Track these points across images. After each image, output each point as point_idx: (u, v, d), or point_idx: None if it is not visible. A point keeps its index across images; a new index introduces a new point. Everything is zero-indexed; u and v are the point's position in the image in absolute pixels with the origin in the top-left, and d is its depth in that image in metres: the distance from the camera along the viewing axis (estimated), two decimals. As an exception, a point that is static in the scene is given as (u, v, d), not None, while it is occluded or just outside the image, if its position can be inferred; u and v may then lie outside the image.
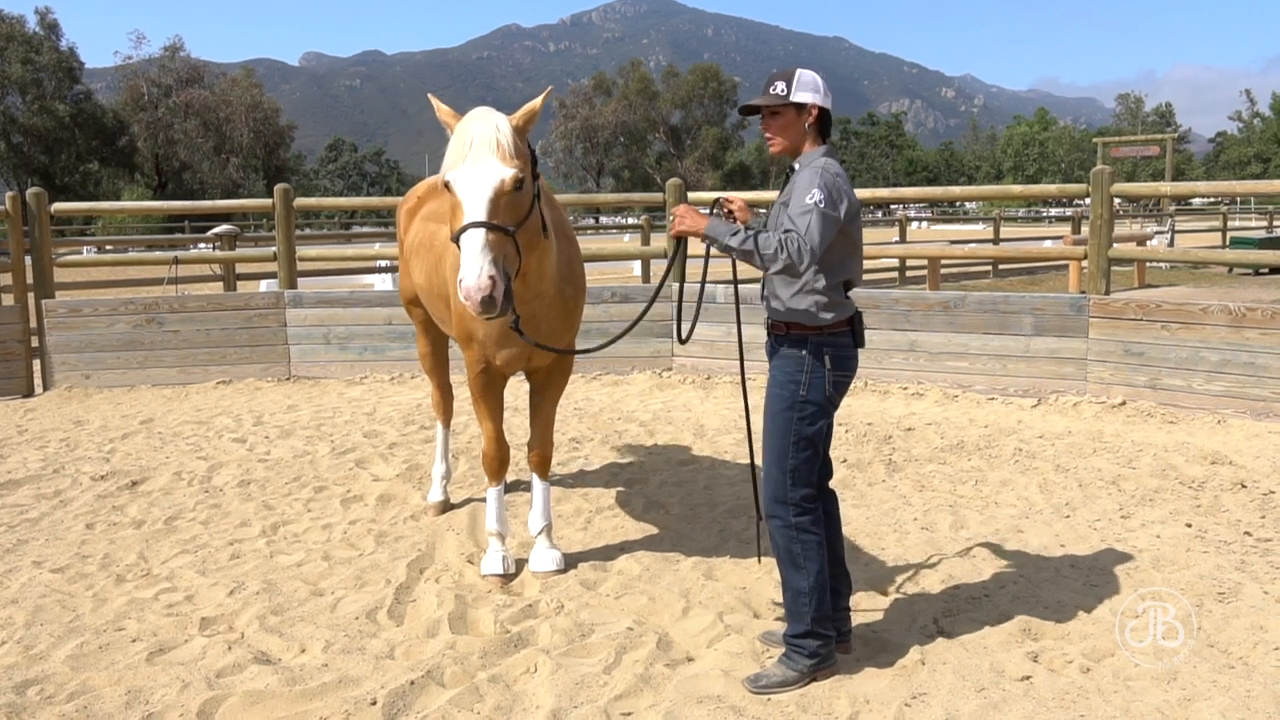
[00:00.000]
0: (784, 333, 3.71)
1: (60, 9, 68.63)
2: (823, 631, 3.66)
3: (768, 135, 3.74)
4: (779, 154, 3.75)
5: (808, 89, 3.64)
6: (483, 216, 3.67)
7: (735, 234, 3.55)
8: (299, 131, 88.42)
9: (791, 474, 3.68)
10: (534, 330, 4.41)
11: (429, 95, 4.27)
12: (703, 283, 4.34)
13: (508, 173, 3.74)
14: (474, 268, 3.57)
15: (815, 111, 3.65)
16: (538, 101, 4.05)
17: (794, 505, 3.68)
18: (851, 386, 9.38)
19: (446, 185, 3.82)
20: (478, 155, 3.76)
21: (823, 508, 3.90)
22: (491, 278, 3.58)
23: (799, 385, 3.66)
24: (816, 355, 3.65)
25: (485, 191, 3.71)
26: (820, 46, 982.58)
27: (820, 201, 3.46)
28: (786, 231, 3.46)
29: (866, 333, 3.78)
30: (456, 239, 3.70)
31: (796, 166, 3.68)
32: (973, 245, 19.27)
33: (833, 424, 3.94)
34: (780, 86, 3.65)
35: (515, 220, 3.79)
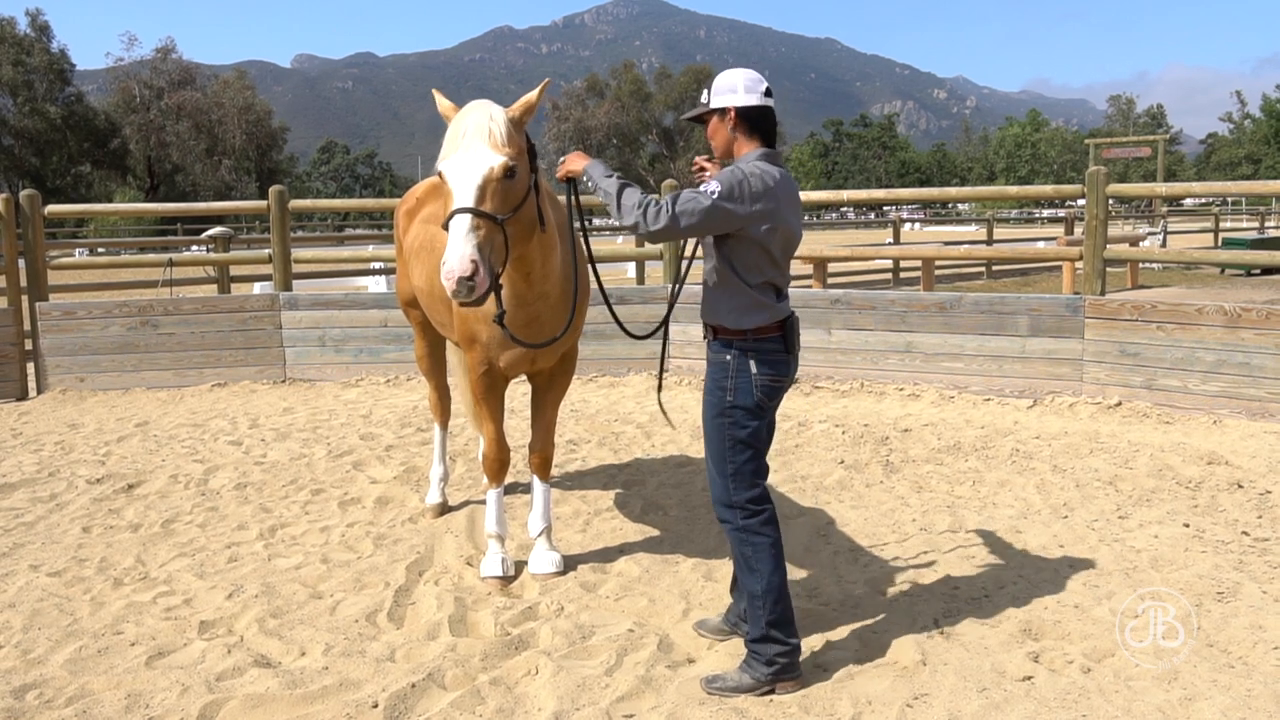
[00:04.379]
0: (713, 336, 3.71)
1: (51, 10, 68.56)
2: (781, 637, 3.56)
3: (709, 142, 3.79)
4: (718, 158, 3.78)
5: (723, 92, 3.64)
6: (470, 203, 3.67)
7: (609, 177, 3.61)
8: (291, 133, 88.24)
9: (733, 478, 3.64)
10: (538, 330, 4.40)
11: (433, 90, 4.27)
12: (673, 292, 4.38)
13: (497, 160, 3.75)
14: (456, 251, 3.58)
15: (733, 113, 3.61)
16: (534, 94, 4.05)
17: (740, 509, 3.64)
18: (848, 388, 9.37)
19: (440, 175, 3.83)
20: (469, 144, 3.77)
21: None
22: (473, 261, 3.56)
23: (725, 391, 3.62)
24: (741, 360, 3.60)
25: (474, 178, 3.71)
26: (812, 48, 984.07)
27: (714, 191, 3.43)
28: (658, 198, 3.49)
29: (863, 334, 3.80)
30: (446, 225, 3.70)
31: None
32: (968, 246, 19.31)
33: (772, 425, 3.89)
34: (704, 95, 3.71)
35: (505, 209, 3.78)
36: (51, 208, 10.41)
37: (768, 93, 3.65)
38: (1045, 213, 53.32)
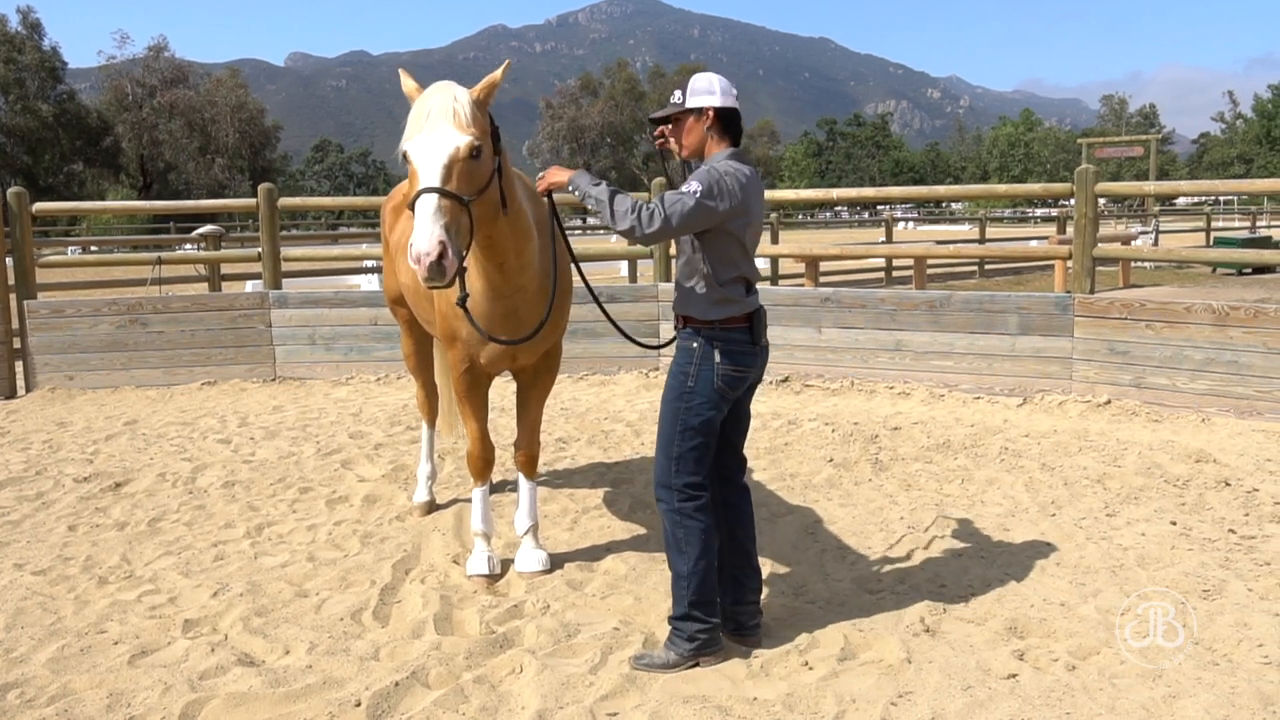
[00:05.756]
0: (681, 325, 3.86)
1: (43, 8, 68.33)
2: (702, 616, 3.75)
3: (678, 142, 3.92)
4: (686, 158, 3.91)
5: (701, 93, 3.81)
6: (436, 182, 3.65)
7: (597, 185, 3.73)
8: (285, 132, 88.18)
9: (676, 461, 3.79)
10: (517, 324, 4.37)
11: (399, 70, 4.26)
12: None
13: (463, 140, 3.73)
14: (424, 232, 3.56)
15: (711, 113, 3.78)
16: (498, 73, 4.03)
17: (678, 491, 3.79)
18: (838, 386, 9.34)
19: (404, 156, 3.81)
20: (434, 124, 3.75)
21: (735, 502, 4.01)
22: (441, 242, 3.54)
23: (688, 376, 3.78)
24: (707, 348, 3.76)
25: (440, 158, 3.69)
26: (806, 47, 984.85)
27: (696, 191, 3.59)
28: (648, 202, 3.62)
29: (853, 332, 3.85)
30: (412, 206, 3.69)
31: (694, 165, 3.85)
32: (958, 245, 19.32)
33: (747, 414, 4.03)
34: (677, 95, 3.86)
35: (471, 190, 3.76)
36: (39, 205, 10.37)
37: (736, 97, 3.87)
38: (1039, 212, 53.46)
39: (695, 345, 3.77)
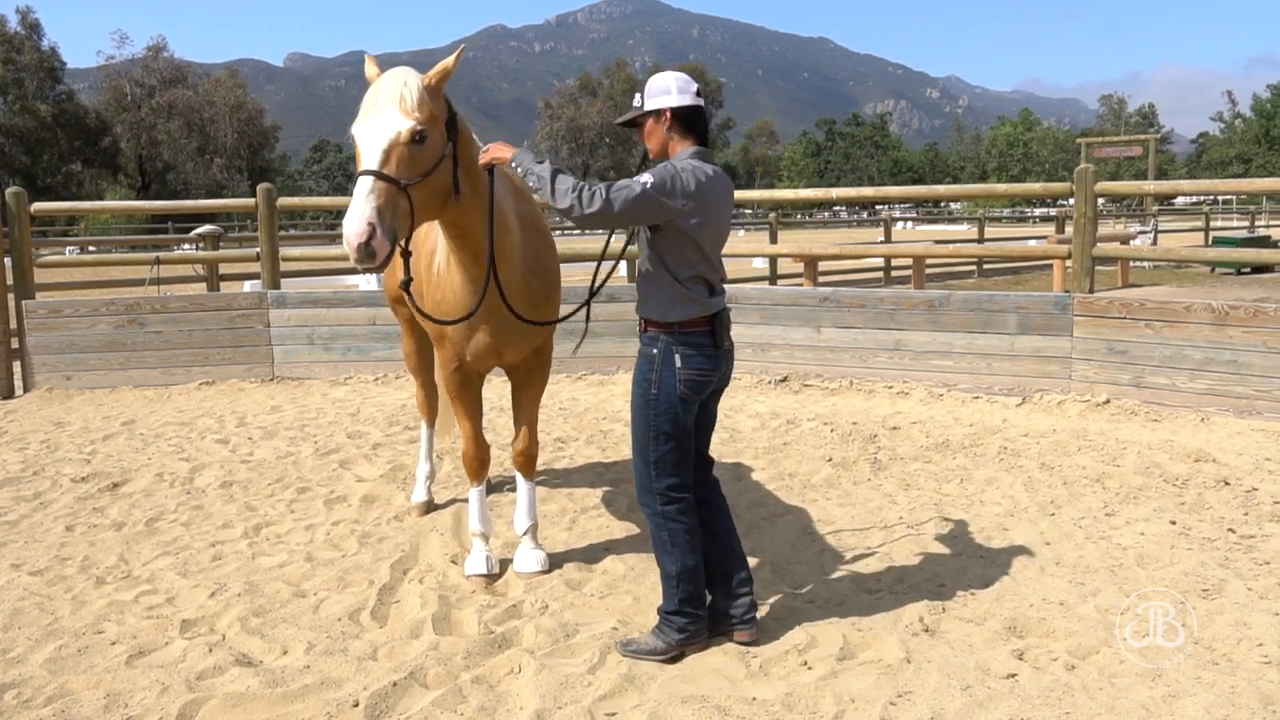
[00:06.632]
0: (643, 329, 3.85)
1: (41, 8, 68.33)
2: (691, 610, 3.84)
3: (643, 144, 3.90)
4: (653, 158, 3.88)
5: (657, 94, 3.79)
6: (374, 165, 3.64)
7: (540, 163, 3.69)
8: (284, 132, 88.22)
9: (655, 465, 3.81)
10: (500, 322, 4.35)
11: (366, 55, 4.24)
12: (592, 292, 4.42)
13: (405, 124, 3.71)
14: (353, 214, 3.53)
15: (668, 114, 3.75)
16: (450, 60, 4.00)
17: (660, 495, 3.83)
18: (837, 385, 9.34)
19: (352, 139, 3.80)
20: (380, 109, 3.75)
21: (706, 497, 4.02)
22: (370, 224, 3.52)
23: (650, 384, 3.78)
24: (667, 353, 3.74)
25: (380, 142, 3.68)
26: (806, 47, 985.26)
27: (647, 183, 3.57)
28: (591, 185, 3.58)
29: (852, 331, 3.83)
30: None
31: None
32: (957, 244, 19.32)
33: (712, 417, 4.05)
34: (637, 99, 3.85)
35: (412, 174, 3.73)
36: (38, 205, 10.35)
37: (699, 93, 3.81)
38: (1038, 212, 53.48)
39: (655, 352, 3.76)
